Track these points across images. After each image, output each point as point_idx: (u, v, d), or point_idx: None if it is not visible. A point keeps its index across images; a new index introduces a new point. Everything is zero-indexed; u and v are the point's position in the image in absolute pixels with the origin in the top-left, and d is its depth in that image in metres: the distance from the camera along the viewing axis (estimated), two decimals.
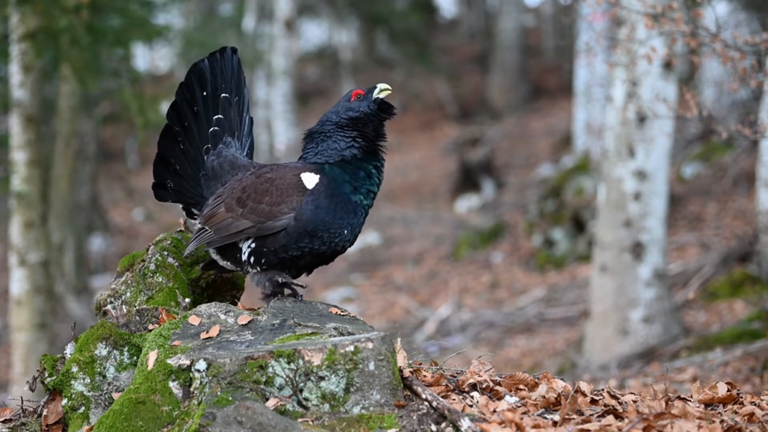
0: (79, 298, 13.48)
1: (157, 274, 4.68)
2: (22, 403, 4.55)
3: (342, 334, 4.22)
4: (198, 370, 4.04)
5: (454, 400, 4.18)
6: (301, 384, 4.01)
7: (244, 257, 4.51)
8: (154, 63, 30.29)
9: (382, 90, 4.63)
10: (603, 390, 4.41)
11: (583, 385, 4.34)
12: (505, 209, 18.09)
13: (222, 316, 4.37)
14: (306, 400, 4.01)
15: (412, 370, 4.30)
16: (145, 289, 4.66)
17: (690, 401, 4.40)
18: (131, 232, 20.19)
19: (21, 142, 10.05)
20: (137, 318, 4.57)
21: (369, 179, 4.54)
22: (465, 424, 3.91)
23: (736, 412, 4.29)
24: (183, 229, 4.92)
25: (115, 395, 4.36)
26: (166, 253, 4.73)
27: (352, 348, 4.03)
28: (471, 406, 4.13)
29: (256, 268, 4.51)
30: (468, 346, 11.97)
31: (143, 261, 4.73)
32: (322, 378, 4.01)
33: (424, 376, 4.36)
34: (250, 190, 4.52)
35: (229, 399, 3.95)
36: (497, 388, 4.33)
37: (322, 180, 4.48)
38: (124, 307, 4.60)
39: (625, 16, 9.42)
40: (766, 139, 8.58)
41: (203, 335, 4.25)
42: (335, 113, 4.62)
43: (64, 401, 4.39)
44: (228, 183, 4.65)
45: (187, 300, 4.64)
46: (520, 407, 4.19)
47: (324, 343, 4.06)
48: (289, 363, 4.01)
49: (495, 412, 4.06)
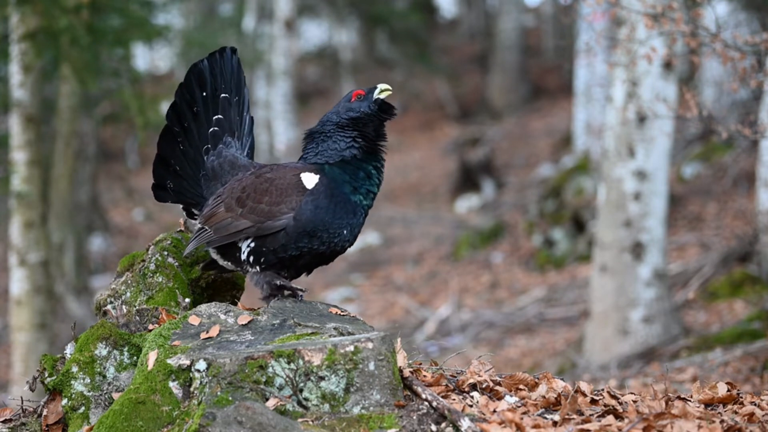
0: (79, 298, 13.48)
1: (157, 274, 4.68)
2: (22, 403, 4.55)
3: (342, 334, 4.22)
4: (198, 370, 4.04)
5: (454, 400, 4.18)
6: (301, 384, 4.01)
7: (243, 257, 4.52)
8: (154, 63, 30.29)
9: (383, 90, 4.63)
10: (603, 390, 4.41)
11: (583, 385, 4.34)
12: (505, 209, 18.08)
13: (222, 316, 4.37)
14: (306, 400, 4.01)
15: (412, 370, 4.30)
16: (145, 289, 4.66)
17: (690, 401, 4.40)
18: (131, 232, 20.18)
19: (21, 142, 10.05)
20: (137, 318, 4.57)
21: (369, 180, 4.54)
22: (465, 424, 3.91)
23: (736, 412, 4.29)
24: (183, 229, 4.92)
25: (115, 395, 4.36)
26: (166, 253, 4.73)
27: (352, 348, 4.04)
28: (471, 406, 4.13)
29: (256, 268, 4.51)
30: (468, 346, 11.96)
31: (143, 261, 4.73)
32: (322, 378, 4.01)
33: (424, 376, 4.35)
34: (250, 189, 4.52)
35: (229, 399, 3.95)
36: (497, 388, 4.33)
37: (322, 180, 4.48)
38: (124, 307, 4.60)
39: (625, 16, 9.42)
40: (766, 139, 8.58)
41: (203, 335, 4.25)
42: (336, 113, 4.62)
43: (64, 401, 4.39)
44: (228, 183, 4.66)
45: (187, 300, 4.64)
46: (520, 407, 4.19)
47: (324, 343, 4.06)
48: (289, 363, 4.01)
49: (495, 412, 4.06)
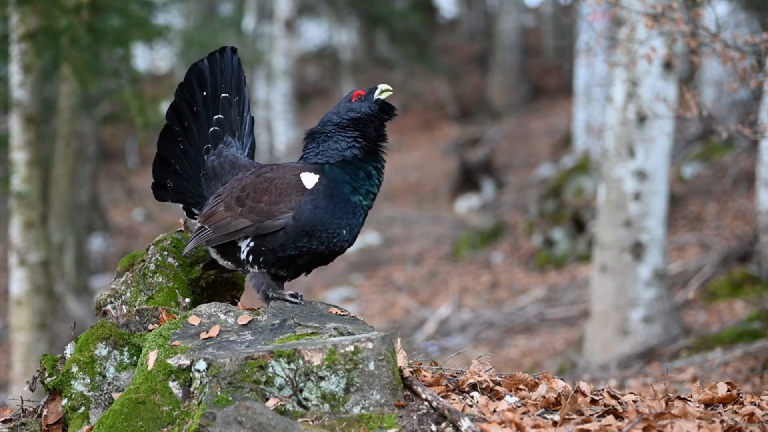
0: (79, 298, 13.48)
1: (157, 274, 4.68)
2: (22, 403, 4.55)
3: (342, 334, 4.22)
4: (198, 370, 4.04)
5: (454, 400, 4.18)
6: (301, 384, 4.01)
7: (242, 256, 4.52)
8: (154, 63, 30.28)
9: (383, 91, 4.63)
10: (603, 390, 4.41)
11: (583, 385, 4.34)
12: (505, 209, 18.08)
13: (222, 316, 4.37)
14: (306, 400, 4.01)
15: (412, 370, 4.30)
16: (145, 289, 4.66)
17: (690, 401, 4.40)
18: (131, 232, 20.18)
19: (21, 142, 10.05)
20: (137, 318, 4.57)
21: (369, 180, 4.55)
22: (465, 424, 3.91)
23: (736, 412, 4.29)
24: (183, 229, 4.92)
25: (115, 395, 4.36)
26: (166, 253, 4.73)
27: (352, 348, 4.03)
28: (471, 406, 4.13)
29: (255, 267, 4.52)
30: (468, 346, 11.96)
31: (143, 261, 4.73)
32: (322, 378, 4.01)
33: (424, 376, 4.35)
34: (250, 189, 4.52)
35: (229, 399, 3.95)
36: (497, 388, 4.33)
37: (322, 180, 4.48)
38: (124, 307, 4.60)
39: (625, 16, 9.42)
40: (766, 139, 8.58)
41: (203, 335, 4.25)
42: (336, 114, 4.62)
43: (64, 401, 4.39)
44: (228, 182, 4.66)
45: (187, 300, 4.64)
46: (520, 407, 4.19)
47: (324, 343, 4.06)
48: (289, 363, 4.01)
49: (495, 412, 4.06)
